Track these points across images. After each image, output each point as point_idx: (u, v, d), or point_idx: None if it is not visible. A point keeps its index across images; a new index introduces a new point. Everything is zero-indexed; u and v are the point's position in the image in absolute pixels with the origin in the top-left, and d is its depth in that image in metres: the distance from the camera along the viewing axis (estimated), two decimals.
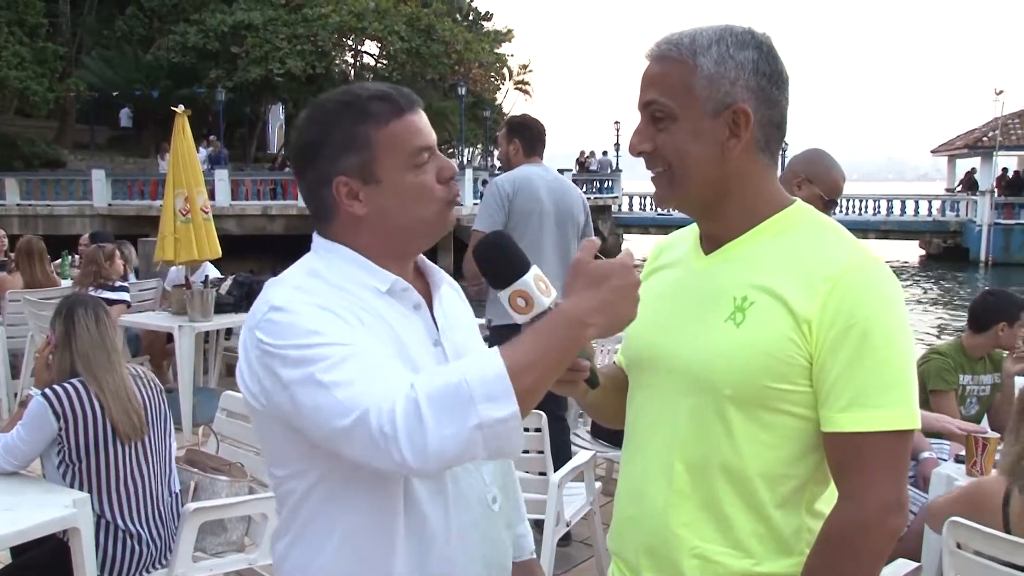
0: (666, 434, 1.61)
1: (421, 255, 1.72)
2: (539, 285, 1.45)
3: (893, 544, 1.50)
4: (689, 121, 1.52)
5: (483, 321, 5.19)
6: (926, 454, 4.10)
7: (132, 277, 8.46)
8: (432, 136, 1.60)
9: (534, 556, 1.89)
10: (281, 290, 1.51)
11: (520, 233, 4.57)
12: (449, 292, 1.75)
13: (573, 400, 4.38)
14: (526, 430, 3.94)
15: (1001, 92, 32.53)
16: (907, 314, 1.52)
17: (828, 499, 1.54)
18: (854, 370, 1.44)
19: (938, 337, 16.54)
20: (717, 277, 1.59)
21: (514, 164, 4.90)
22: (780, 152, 1.64)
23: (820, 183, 3.52)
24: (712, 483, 1.55)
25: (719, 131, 1.52)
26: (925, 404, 4.53)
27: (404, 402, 1.31)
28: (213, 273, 7.87)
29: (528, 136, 4.92)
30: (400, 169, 1.55)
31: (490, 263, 1.49)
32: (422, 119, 1.60)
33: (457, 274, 2.27)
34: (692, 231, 1.72)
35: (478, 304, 5.21)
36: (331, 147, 1.56)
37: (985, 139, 32.80)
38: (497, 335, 4.74)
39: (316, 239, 1.64)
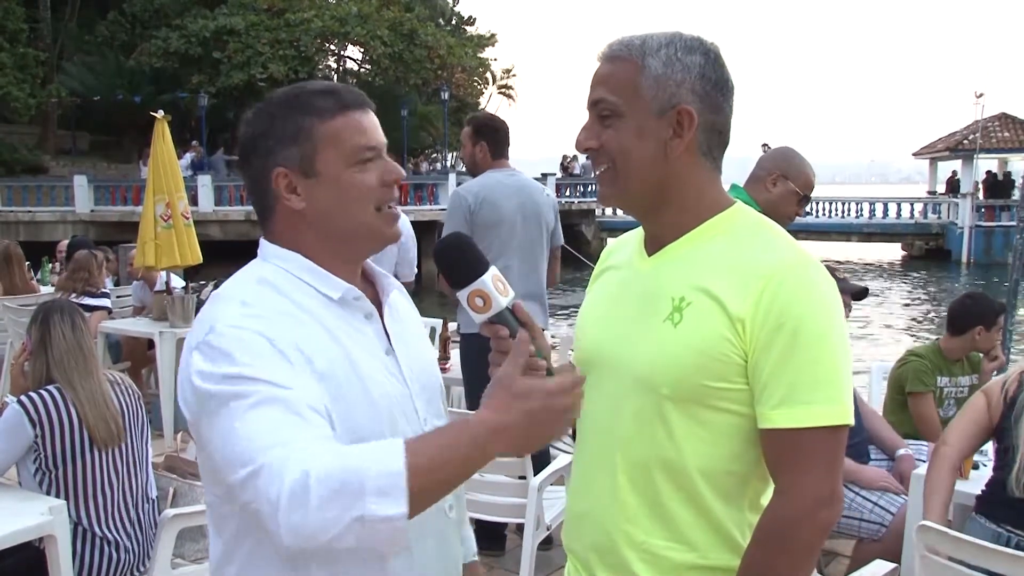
0: (609, 432, 1.64)
1: (368, 261, 1.70)
2: (497, 285, 1.46)
3: (825, 538, 1.55)
4: (634, 119, 1.56)
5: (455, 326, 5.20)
6: (902, 451, 4.13)
7: (110, 284, 8.41)
8: (378, 138, 1.59)
9: (476, 559, 1.89)
10: (226, 308, 1.47)
11: (488, 243, 4.48)
12: (399, 298, 1.74)
13: None
14: None
15: (981, 95, 32.73)
16: (841, 312, 1.55)
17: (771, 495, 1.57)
18: (786, 367, 1.48)
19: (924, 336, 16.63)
20: (658, 278, 1.62)
21: (481, 167, 4.75)
22: (722, 159, 1.66)
23: (795, 179, 3.54)
24: (654, 480, 1.58)
25: (663, 131, 1.56)
26: (904, 406, 4.55)
27: (297, 475, 1.24)
28: (176, 282, 7.74)
29: (496, 137, 4.76)
30: (339, 165, 1.54)
31: (449, 264, 1.50)
32: (369, 119, 1.59)
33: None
34: (638, 233, 1.75)
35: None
36: (273, 139, 1.55)
37: (966, 142, 32.98)
38: (466, 343, 4.74)
39: (265, 245, 1.62)
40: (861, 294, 4.08)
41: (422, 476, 1.26)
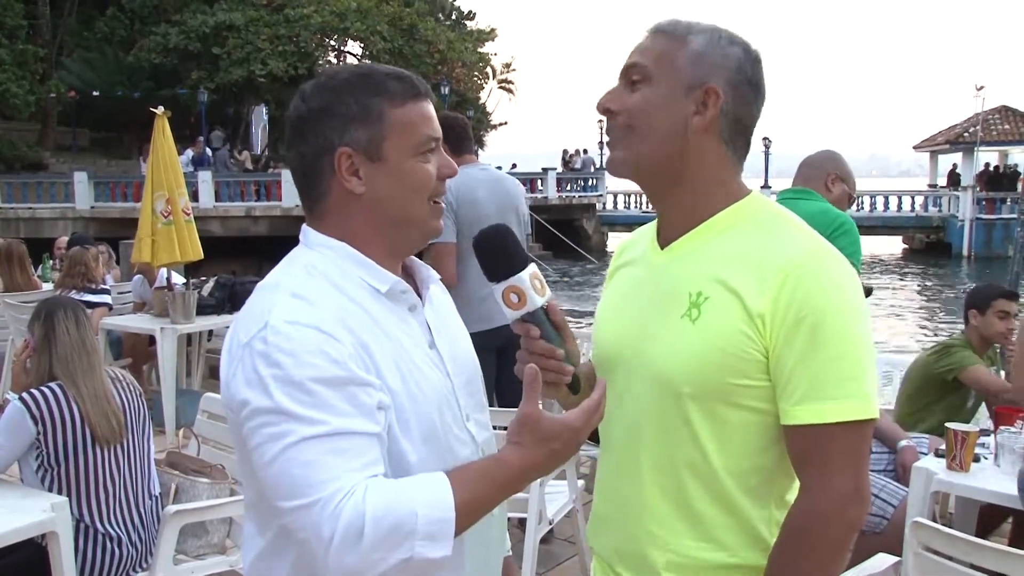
0: (633, 432, 1.61)
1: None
2: (535, 283, 1.46)
3: (854, 536, 1.51)
4: (662, 87, 1.54)
5: None
6: (904, 442, 4.12)
7: (110, 280, 8.40)
8: (439, 130, 1.56)
9: (510, 553, 1.88)
10: (280, 301, 1.42)
11: (470, 239, 4.46)
12: (437, 291, 1.70)
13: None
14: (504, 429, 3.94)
15: (982, 88, 32.67)
16: (863, 303, 1.52)
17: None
18: (808, 362, 1.44)
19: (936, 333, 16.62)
20: (673, 273, 1.59)
21: None
22: (745, 156, 1.63)
23: (848, 181, 3.77)
24: (680, 479, 1.55)
25: (687, 106, 1.54)
26: (934, 399, 4.49)
27: (351, 517, 1.28)
28: (177, 279, 7.72)
29: (451, 136, 4.63)
30: (406, 153, 1.50)
31: (489, 256, 1.49)
32: (432, 109, 1.56)
33: None
34: (651, 227, 1.72)
35: None
36: (341, 116, 1.48)
37: (966, 135, 32.95)
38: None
39: (310, 233, 1.56)
40: (865, 293, 4.08)
41: (465, 517, 1.35)
